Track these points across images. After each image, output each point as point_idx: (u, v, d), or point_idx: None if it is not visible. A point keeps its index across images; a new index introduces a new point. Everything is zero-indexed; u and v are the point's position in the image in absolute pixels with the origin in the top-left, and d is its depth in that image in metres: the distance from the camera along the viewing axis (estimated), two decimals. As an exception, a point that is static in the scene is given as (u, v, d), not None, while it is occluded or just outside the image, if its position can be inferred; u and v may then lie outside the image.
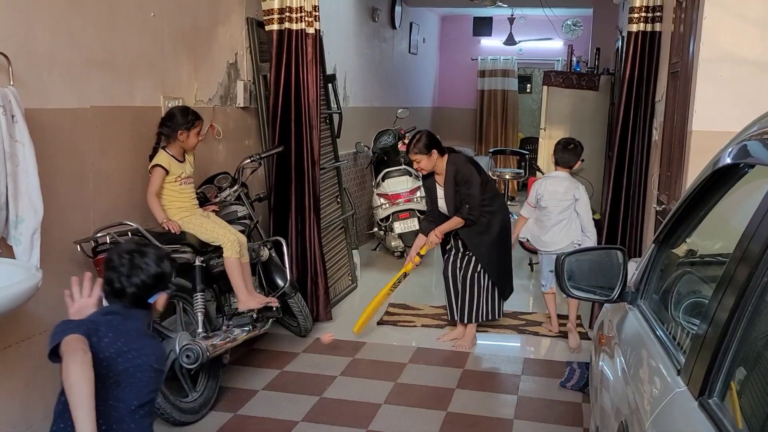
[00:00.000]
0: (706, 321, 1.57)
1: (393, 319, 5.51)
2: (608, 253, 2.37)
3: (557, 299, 5.28)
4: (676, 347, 1.80)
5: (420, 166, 4.69)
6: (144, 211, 3.93)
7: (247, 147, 5.28)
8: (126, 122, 3.93)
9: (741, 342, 1.43)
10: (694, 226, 2.21)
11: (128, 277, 2.20)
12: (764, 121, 1.76)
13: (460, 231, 4.75)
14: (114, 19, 3.77)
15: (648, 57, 4.70)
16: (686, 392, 1.53)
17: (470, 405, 4.09)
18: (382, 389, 4.23)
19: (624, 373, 2.08)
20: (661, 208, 4.33)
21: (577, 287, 2.33)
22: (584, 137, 8.19)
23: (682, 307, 2.07)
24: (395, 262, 7.21)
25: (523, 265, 7.31)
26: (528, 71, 13.28)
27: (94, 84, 3.64)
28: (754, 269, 1.41)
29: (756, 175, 1.80)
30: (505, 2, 9.75)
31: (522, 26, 11.49)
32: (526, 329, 5.36)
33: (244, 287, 4.05)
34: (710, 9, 3.60)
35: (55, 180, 3.35)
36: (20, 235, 3.03)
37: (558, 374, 4.50)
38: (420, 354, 4.85)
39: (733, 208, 2.13)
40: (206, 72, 4.73)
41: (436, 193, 4.82)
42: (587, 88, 8.26)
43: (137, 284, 2.20)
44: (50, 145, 3.32)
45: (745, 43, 3.62)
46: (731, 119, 2.96)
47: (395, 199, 6.87)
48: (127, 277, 2.20)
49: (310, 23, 5.06)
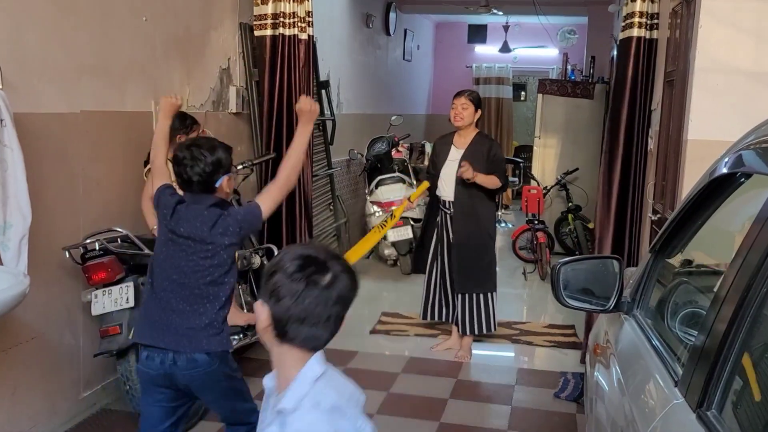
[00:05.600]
0: (704, 332, 1.54)
1: (386, 329, 5.47)
2: (604, 263, 2.35)
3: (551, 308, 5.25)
4: (673, 358, 1.78)
5: (462, 114, 4.73)
6: (134, 218, 3.89)
7: (239, 153, 5.25)
8: (117, 128, 3.90)
9: (739, 353, 1.41)
10: (690, 235, 2.20)
11: (192, 168, 2.55)
12: (761, 130, 1.74)
13: (454, 211, 4.78)
14: (106, 24, 3.74)
15: (644, 65, 4.69)
16: (684, 404, 1.51)
17: (464, 415, 4.06)
18: (375, 399, 4.19)
19: (620, 384, 2.06)
20: (656, 217, 4.31)
21: (573, 297, 2.31)
22: (579, 145, 8.26)
23: (679, 317, 2.06)
24: (388, 270, 7.18)
25: (517, 273, 7.29)
26: (523, 79, 13.31)
27: (85, 89, 3.61)
28: (752, 279, 1.39)
29: (753, 184, 1.78)
30: (500, 10, 9.77)
31: (517, 34, 11.52)
32: (520, 339, 5.33)
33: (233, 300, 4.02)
34: (705, 18, 3.60)
35: (44, 185, 3.31)
36: (8, 241, 2.99)
37: (552, 384, 4.46)
38: (413, 364, 4.81)
39: (729, 217, 2.11)
40: (198, 77, 4.70)
41: (447, 155, 4.83)
42: (582, 96, 8.27)
43: (199, 172, 2.55)
44: (40, 150, 3.28)
45: (740, 53, 3.63)
46: (726, 128, 2.96)
47: (389, 206, 6.83)
48: (191, 167, 2.55)
49: (303, 29, 5.04)
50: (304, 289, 1.44)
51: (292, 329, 1.46)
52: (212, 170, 2.58)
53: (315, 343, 1.50)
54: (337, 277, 1.47)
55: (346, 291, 1.49)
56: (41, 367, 3.47)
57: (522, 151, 12.11)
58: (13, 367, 3.26)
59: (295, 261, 1.46)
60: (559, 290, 2.30)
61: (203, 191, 2.60)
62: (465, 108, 4.72)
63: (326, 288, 1.46)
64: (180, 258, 2.61)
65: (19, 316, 3.19)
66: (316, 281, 1.45)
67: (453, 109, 4.76)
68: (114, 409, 3.87)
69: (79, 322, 3.69)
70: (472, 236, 4.78)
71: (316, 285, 1.45)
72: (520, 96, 13.38)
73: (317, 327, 1.47)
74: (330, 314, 1.47)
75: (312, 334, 1.47)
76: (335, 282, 1.47)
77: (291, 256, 1.47)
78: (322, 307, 1.46)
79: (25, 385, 3.33)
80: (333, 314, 1.48)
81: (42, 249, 3.28)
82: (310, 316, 1.45)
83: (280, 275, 1.45)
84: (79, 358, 3.72)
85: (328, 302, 1.46)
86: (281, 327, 1.46)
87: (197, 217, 2.60)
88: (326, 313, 1.46)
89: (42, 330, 3.43)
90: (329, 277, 1.46)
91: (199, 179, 2.57)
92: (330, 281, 1.46)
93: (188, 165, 2.56)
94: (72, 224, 3.58)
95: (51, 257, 3.40)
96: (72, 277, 3.58)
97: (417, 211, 6.71)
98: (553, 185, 8.12)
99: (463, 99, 4.75)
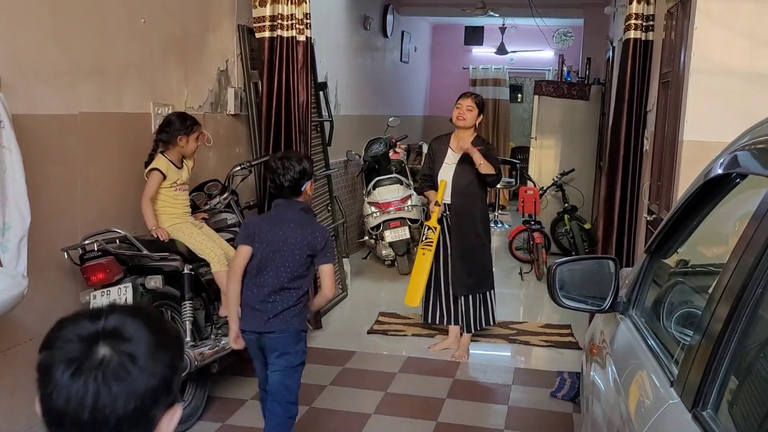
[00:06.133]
0: (700, 331, 1.56)
1: (383, 329, 5.48)
2: (600, 263, 2.37)
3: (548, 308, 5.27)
4: (669, 358, 1.79)
5: (466, 115, 4.75)
6: (132, 219, 3.90)
7: (237, 154, 5.26)
8: (115, 129, 3.90)
9: (735, 353, 1.42)
10: (686, 236, 2.21)
11: (283, 175, 3.09)
12: (756, 131, 1.75)
13: (451, 213, 4.79)
14: (103, 25, 3.75)
15: (640, 66, 4.71)
16: (680, 404, 1.52)
17: (460, 415, 4.07)
18: (372, 399, 4.20)
19: (616, 384, 2.07)
20: (652, 217, 4.33)
21: (569, 297, 2.32)
22: (575, 146, 8.28)
23: (675, 317, 2.07)
24: (386, 271, 7.19)
25: (514, 274, 7.30)
26: (519, 80, 13.33)
27: (83, 90, 3.61)
28: (748, 279, 1.40)
29: (748, 185, 1.80)
30: (497, 12, 9.78)
31: (513, 36, 11.54)
32: (516, 339, 5.35)
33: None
34: (701, 20, 3.62)
35: (42, 187, 3.32)
36: (7, 242, 2.99)
37: (549, 384, 4.48)
38: (410, 363, 4.82)
39: (724, 218, 2.13)
40: (196, 79, 4.71)
41: (443, 157, 4.85)
42: (578, 97, 8.29)
43: (289, 179, 3.10)
44: (38, 151, 3.29)
45: (735, 55, 3.64)
46: (721, 130, 2.97)
47: (386, 207, 6.84)
48: (283, 175, 3.09)
49: (301, 31, 5.05)
50: (56, 380, 1.04)
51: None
52: (299, 177, 3.13)
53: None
54: (101, 364, 1.03)
55: (123, 382, 1.03)
56: (40, 368, 3.46)
57: (519, 152, 12.13)
58: (12, 368, 3.26)
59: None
60: (555, 290, 2.31)
61: (292, 195, 3.15)
62: (470, 110, 4.74)
63: (78, 378, 1.02)
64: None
65: (17, 318, 3.20)
66: (66, 369, 1.03)
67: (457, 109, 4.77)
68: (112, 409, 3.88)
69: (78, 323, 3.68)
70: (469, 237, 4.81)
71: (63, 374, 1.03)
72: (516, 97, 13.40)
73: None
74: (96, 417, 1.02)
75: None
76: (98, 372, 1.02)
77: None
78: (81, 408, 1.02)
79: (23, 386, 3.33)
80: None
81: (41, 250, 3.28)
82: (63, 417, 1.03)
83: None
84: (78, 358, 3.72)
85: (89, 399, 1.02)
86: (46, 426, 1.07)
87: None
88: (88, 414, 1.02)
89: (41, 331, 3.38)
90: (87, 366, 1.03)
91: (290, 184, 3.12)
92: (88, 369, 1.02)
93: (281, 173, 3.11)
94: (70, 225, 3.58)
95: (50, 258, 3.40)
96: (71, 278, 3.58)
97: (414, 212, 6.73)
98: (550, 186, 8.14)
99: (469, 101, 4.77)
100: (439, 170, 4.83)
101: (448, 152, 4.83)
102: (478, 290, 4.91)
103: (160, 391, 1.06)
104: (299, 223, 3.11)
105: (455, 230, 4.81)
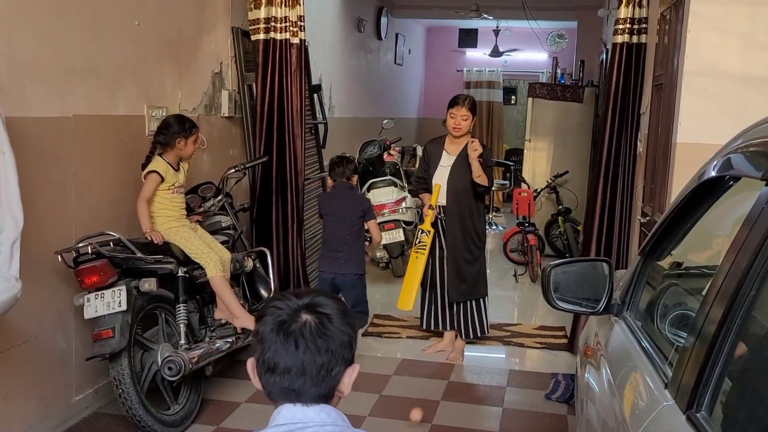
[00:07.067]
0: (694, 333, 1.56)
1: (378, 331, 5.48)
2: (594, 265, 2.37)
3: (542, 310, 5.28)
4: (663, 360, 1.79)
5: (462, 125, 4.72)
6: (127, 221, 3.89)
7: (231, 157, 5.26)
8: (109, 131, 3.89)
9: (729, 355, 1.42)
10: (679, 238, 2.22)
11: (343, 170, 4.69)
12: (749, 134, 1.76)
13: (446, 215, 4.79)
14: (98, 27, 3.74)
15: (633, 69, 4.73)
16: (674, 406, 1.52)
17: (455, 417, 4.07)
18: (367, 401, 4.20)
19: (610, 386, 2.07)
20: (645, 219, 4.34)
21: (563, 299, 2.33)
22: (569, 148, 8.30)
23: (669, 319, 2.07)
24: (380, 273, 7.19)
25: (508, 276, 7.31)
26: (513, 83, 13.36)
27: (77, 93, 3.61)
28: (741, 281, 1.41)
29: (741, 187, 1.80)
30: (491, 14, 9.81)
31: (507, 38, 11.57)
32: (511, 341, 5.35)
33: (239, 304, 4.03)
34: (694, 22, 3.63)
35: (36, 189, 3.31)
36: (0, 245, 2.98)
37: (543, 386, 4.48)
38: (405, 366, 4.82)
39: (718, 220, 2.13)
40: (191, 81, 4.71)
41: (438, 160, 4.84)
42: (572, 99, 8.31)
43: (348, 174, 4.72)
44: (32, 153, 3.28)
45: (728, 57, 3.65)
46: (715, 132, 2.98)
47: (380, 209, 6.83)
48: (342, 169, 4.69)
49: (295, 33, 5.06)
50: (271, 338, 1.36)
51: (263, 379, 1.38)
52: (352, 170, 4.74)
53: (288, 395, 1.38)
54: (305, 325, 1.36)
55: (323, 338, 1.36)
56: (34, 371, 3.46)
57: (513, 154, 12.15)
58: (6, 371, 3.25)
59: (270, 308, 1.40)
60: (549, 292, 2.32)
61: (347, 180, 4.71)
62: (465, 119, 4.72)
63: (289, 336, 1.35)
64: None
65: (11, 320, 3.18)
66: (280, 330, 1.36)
67: (452, 119, 4.73)
68: (106, 412, 3.87)
69: (72, 325, 3.68)
70: (464, 240, 4.81)
71: (278, 334, 1.36)
72: (510, 100, 13.44)
73: (286, 377, 1.35)
74: (304, 363, 1.35)
75: (283, 385, 1.36)
76: (303, 330, 1.36)
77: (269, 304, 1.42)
78: (290, 357, 1.34)
79: (17, 389, 3.32)
80: (311, 364, 1.35)
81: (34, 253, 3.26)
82: (276, 365, 1.35)
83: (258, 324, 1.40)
84: (72, 361, 3.71)
85: (298, 351, 1.35)
86: (259, 377, 1.39)
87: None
88: (295, 362, 1.35)
89: (34, 334, 3.42)
90: (296, 326, 1.36)
91: (347, 176, 4.69)
92: (297, 329, 1.35)
93: (341, 168, 4.67)
94: (64, 228, 3.57)
95: (43, 261, 3.39)
96: (64, 281, 3.57)
97: (408, 215, 6.73)
98: (544, 188, 8.16)
99: (463, 110, 4.72)
100: (434, 173, 4.84)
101: (443, 155, 4.83)
102: (471, 296, 4.91)
103: (347, 345, 1.39)
104: (351, 196, 4.71)
105: (450, 232, 4.82)
